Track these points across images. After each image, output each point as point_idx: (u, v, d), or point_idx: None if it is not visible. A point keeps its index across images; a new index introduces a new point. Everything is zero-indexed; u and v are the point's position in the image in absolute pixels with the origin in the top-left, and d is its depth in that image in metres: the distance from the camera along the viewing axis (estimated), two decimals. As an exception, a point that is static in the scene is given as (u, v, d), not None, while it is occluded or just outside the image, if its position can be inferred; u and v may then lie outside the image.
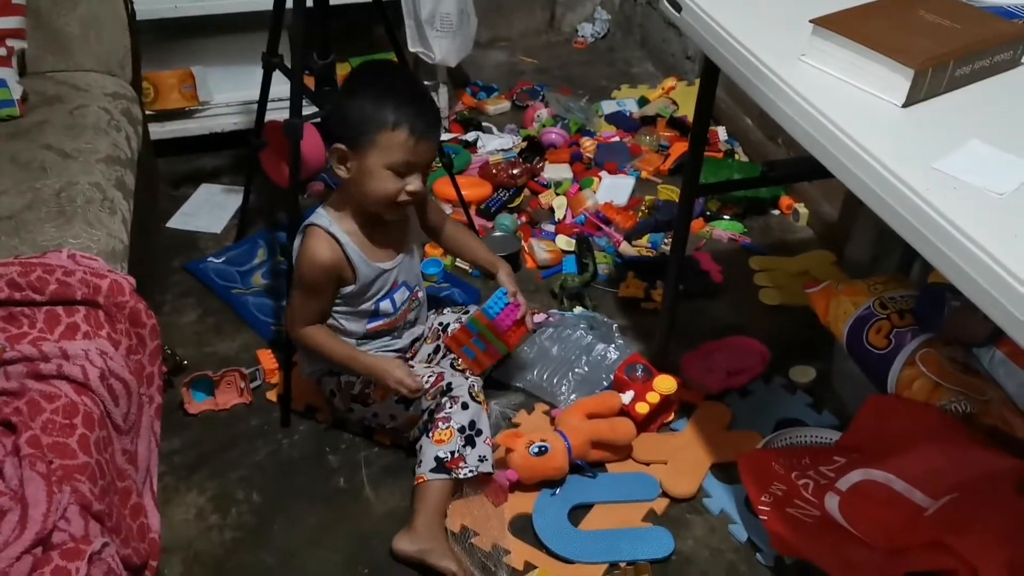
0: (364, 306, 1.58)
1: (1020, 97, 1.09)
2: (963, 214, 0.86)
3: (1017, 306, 0.79)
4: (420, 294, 1.69)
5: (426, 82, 2.60)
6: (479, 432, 1.52)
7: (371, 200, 1.47)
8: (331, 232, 1.49)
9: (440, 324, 1.74)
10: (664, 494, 1.59)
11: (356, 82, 1.47)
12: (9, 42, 1.74)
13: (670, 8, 1.34)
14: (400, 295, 1.62)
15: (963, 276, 0.84)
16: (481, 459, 1.51)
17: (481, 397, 1.56)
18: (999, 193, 0.89)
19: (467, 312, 1.74)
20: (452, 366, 1.70)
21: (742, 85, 1.18)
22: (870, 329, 1.56)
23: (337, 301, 1.57)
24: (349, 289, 1.55)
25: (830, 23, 1.10)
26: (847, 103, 1.05)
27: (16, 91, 1.71)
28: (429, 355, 1.72)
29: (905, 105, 1.04)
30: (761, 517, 1.41)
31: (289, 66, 1.74)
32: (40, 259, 1.34)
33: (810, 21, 1.11)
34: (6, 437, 1.11)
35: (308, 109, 1.83)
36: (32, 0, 1.81)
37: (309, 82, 1.90)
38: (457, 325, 1.69)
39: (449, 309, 1.78)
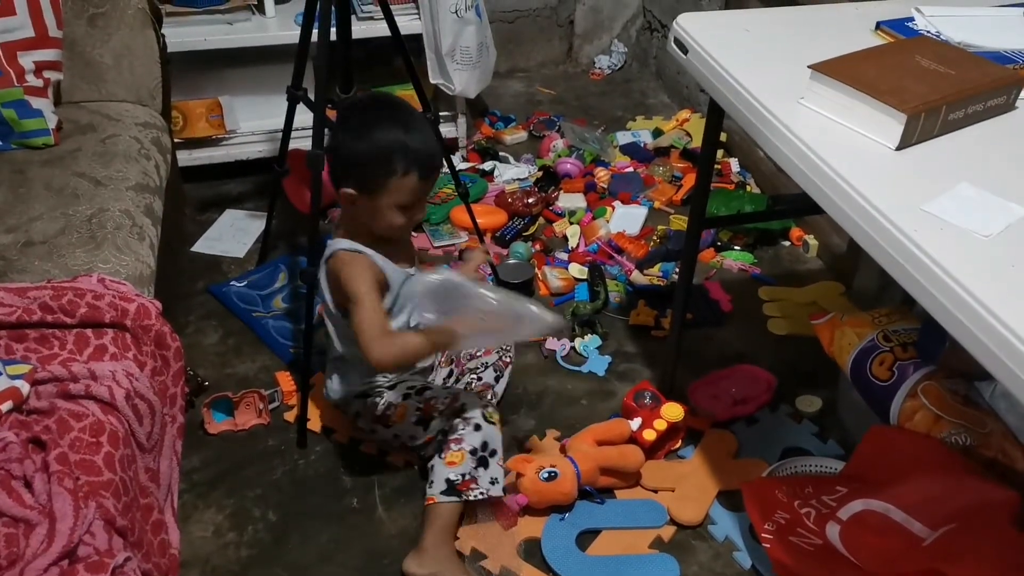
0: (400, 319, 1.61)
1: (1012, 141, 1.12)
2: (948, 255, 0.90)
3: (998, 344, 0.83)
4: None
5: (444, 112, 2.67)
6: (492, 453, 1.56)
7: (381, 227, 1.53)
8: (357, 250, 1.54)
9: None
10: (671, 521, 1.61)
11: (358, 124, 1.49)
12: (46, 73, 1.82)
13: (677, 50, 1.39)
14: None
15: (948, 316, 0.88)
16: (493, 481, 1.54)
17: (495, 418, 1.60)
18: (985, 235, 0.93)
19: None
20: (466, 389, 1.75)
21: (743, 126, 1.23)
22: (873, 361, 1.59)
23: None
24: (386, 301, 1.57)
25: (828, 68, 1.15)
26: (842, 145, 1.09)
27: (51, 120, 1.79)
28: (444, 379, 1.78)
29: (899, 148, 1.08)
30: (764, 545, 1.43)
31: (312, 99, 1.81)
32: (71, 283, 1.41)
33: (809, 66, 1.16)
34: (36, 454, 1.16)
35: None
36: (68, 32, 1.89)
37: (332, 114, 1.96)
38: (467, 357, 1.78)
39: None
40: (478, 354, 1.81)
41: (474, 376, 1.78)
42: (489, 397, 1.73)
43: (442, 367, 1.79)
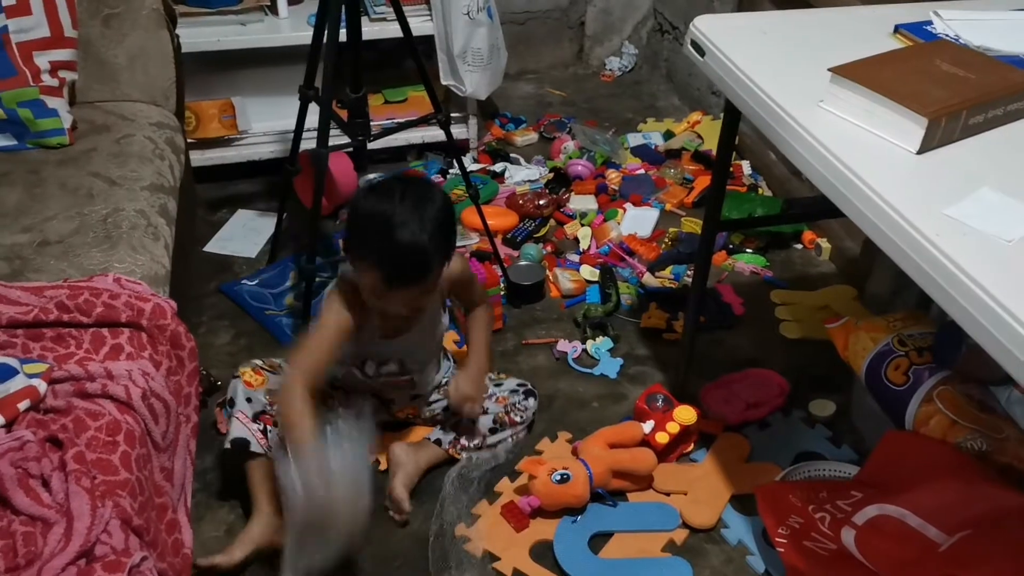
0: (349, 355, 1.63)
1: (1033, 145, 1.12)
2: (971, 259, 0.90)
3: (1020, 349, 0.82)
4: (415, 378, 1.69)
5: (455, 114, 2.67)
6: (232, 404, 1.60)
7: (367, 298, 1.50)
8: (354, 282, 1.51)
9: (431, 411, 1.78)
10: (684, 524, 1.61)
11: (370, 199, 1.44)
12: (61, 73, 1.82)
13: (694, 52, 1.39)
14: (388, 368, 1.65)
15: (970, 319, 0.88)
16: (233, 439, 1.57)
17: (241, 372, 1.63)
18: (1008, 240, 0.93)
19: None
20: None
21: (762, 128, 1.22)
22: (889, 365, 1.58)
23: None
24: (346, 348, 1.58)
25: (848, 71, 1.14)
26: (863, 149, 1.09)
27: (66, 120, 1.79)
28: (441, 411, 1.77)
29: (919, 152, 1.08)
30: (778, 549, 1.43)
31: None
32: (87, 283, 1.41)
33: (829, 69, 1.16)
34: (53, 453, 1.16)
35: (342, 139, 1.91)
36: (83, 33, 1.89)
37: (343, 114, 1.97)
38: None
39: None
40: (483, 395, 1.74)
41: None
42: (477, 442, 1.70)
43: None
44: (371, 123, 2.11)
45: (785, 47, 1.36)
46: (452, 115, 2.65)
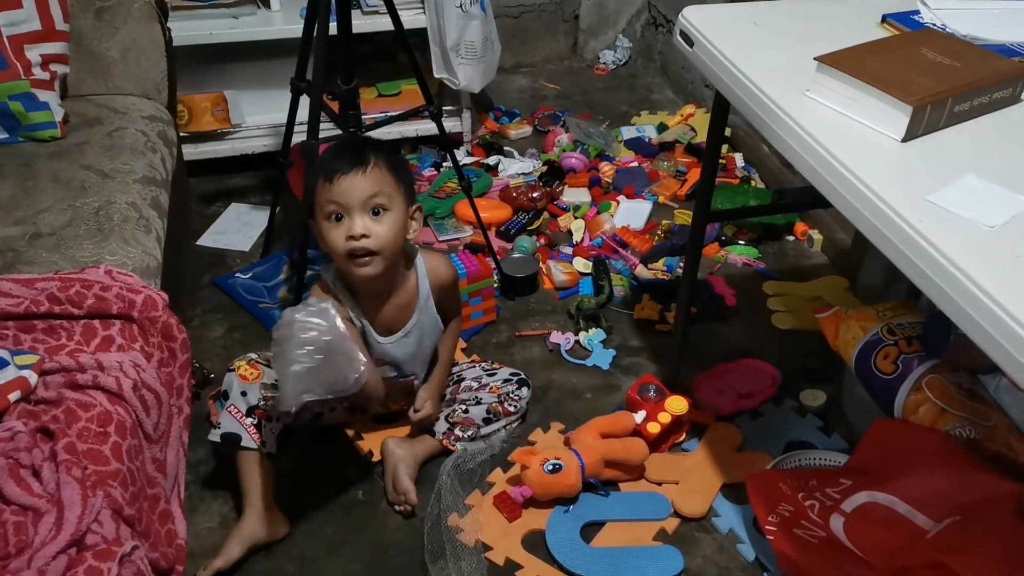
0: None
1: (1017, 133, 1.12)
2: (954, 245, 0.90)
3: (1004, 335, 0.83)
4: (416, 383, 1.71)
5: (448, 107, 2.67)
6: (225, 396, 1.60)
7: (335, 260, 1.52)
8: (329, 286, 1.56)
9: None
10: (675, 513, 1.62)
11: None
12: (53, 66, 1.83)
13: (683, 43, 1.40)
14: (386, 374, 1.65)
15: (953, 306, 0.88)
16: (217, 425, 1.59)
17: (236, 365, 1.62)
18: (990, 226, 0.93)
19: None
20: (448, 416, 1.73)
21: (749, 118, 1.23)
22: (878, 355, 1.59)
23: None
24: None
25: (834, 61, 1.15)
26: (848, 137, 1.09)
27: (58, 113, 1.80)
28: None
29: (904, 140, 1.08)
30: (768, 537, 1.44)
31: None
32: (79, 275, 1.41)
33: (814, 59, 1.16)
34: (44, 443, 1.17)
35: (335, 132, 1.91)
36: (75, 26, 1.90)
37: (334, 106, 1.97)
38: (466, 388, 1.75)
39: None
40: (474, 387, 1.76)
41: (462, 406, 1.73)
42: (471, 433, 1.71)
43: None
44: (363, 115, 2.12)
45: (773, 37, 1.36)
46: (446, 108, 2.65)
